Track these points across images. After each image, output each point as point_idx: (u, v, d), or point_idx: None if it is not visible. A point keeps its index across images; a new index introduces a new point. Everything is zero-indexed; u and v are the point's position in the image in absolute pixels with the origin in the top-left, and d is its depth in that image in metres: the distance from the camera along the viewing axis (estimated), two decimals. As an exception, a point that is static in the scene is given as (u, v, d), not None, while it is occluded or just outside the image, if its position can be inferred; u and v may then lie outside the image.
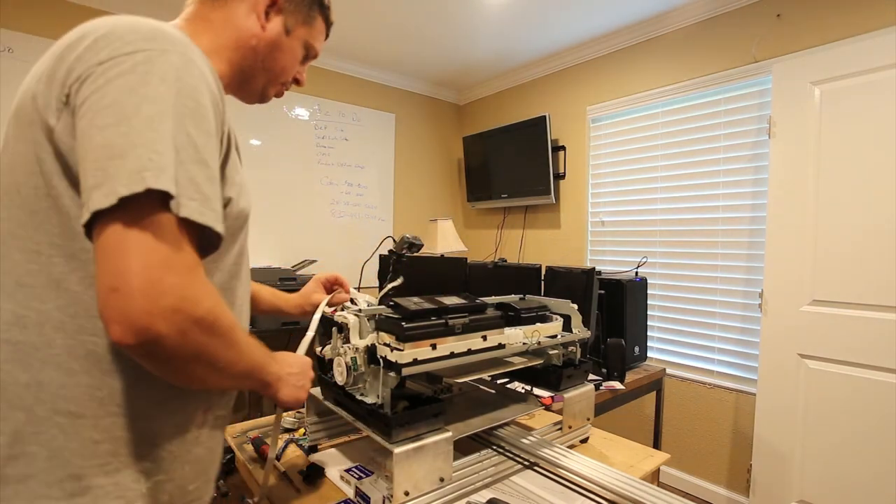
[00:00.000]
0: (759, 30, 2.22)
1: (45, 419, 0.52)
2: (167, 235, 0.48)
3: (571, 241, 3.11)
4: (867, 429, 1.80)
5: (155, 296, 0.46)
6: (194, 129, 0.52)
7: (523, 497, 0.88)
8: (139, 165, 0.46)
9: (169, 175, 0.48)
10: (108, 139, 0.47)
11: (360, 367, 0.86)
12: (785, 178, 2.03)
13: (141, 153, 0.47)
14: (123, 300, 0.45)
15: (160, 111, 0.49)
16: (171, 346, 0.47)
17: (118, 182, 0.46)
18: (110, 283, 0.45)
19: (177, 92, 0.51)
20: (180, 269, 0.48)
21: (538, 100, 3.33)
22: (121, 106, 0.48)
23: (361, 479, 0.90)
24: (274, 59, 0.75)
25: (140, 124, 0.48)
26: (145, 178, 0.46)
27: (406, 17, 2.64)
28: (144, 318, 0.45)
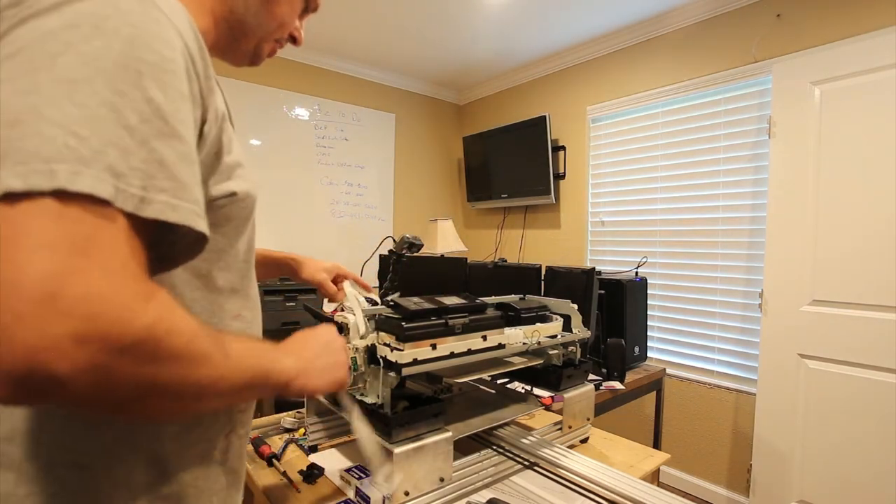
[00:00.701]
0: (759, 30, 2.22)
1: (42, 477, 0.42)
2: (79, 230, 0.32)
3: (571, 241, 3.11)
4: (867, 429, 1.80)
5: (47, 320, 0.29)
6: (160, 92, 0.38)
7: (523, 497, 0.88)
8: (46, 148, 0.32)
9: (97, 168, 0.33)
10: (6, 100, 0.33)
11: (360, 367, 0.86)
12: (785, 178, 2.03)
13: (48, 129, 0.32)
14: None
15: (87, 74, 0.34)
16: (83, 390, 0.31)
17: (5, 163, 0.31)
18: None
19: (126, 40, 0.37)
20: (94, 278, 0.32)
21: (538, 100, 3.33)
22: (29, 55, 0.34)
23: (361, 479, 0.90)
24: (269, 11, 0.62)
25: (51, 85, 0.33)
26: (55, 171, 0.32)
27: (406, 17, 2.64)
28: (25, 358, 0.29)
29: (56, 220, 0.32)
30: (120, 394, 0.34)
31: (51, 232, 0.31)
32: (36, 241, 0.31)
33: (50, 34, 0.35)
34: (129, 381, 0.34)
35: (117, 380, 0.33)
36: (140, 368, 0.34)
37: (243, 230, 0.56)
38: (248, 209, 0.55)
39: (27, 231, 0.31)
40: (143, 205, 0.35)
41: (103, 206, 0.34)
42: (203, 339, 0.39)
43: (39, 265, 0.30)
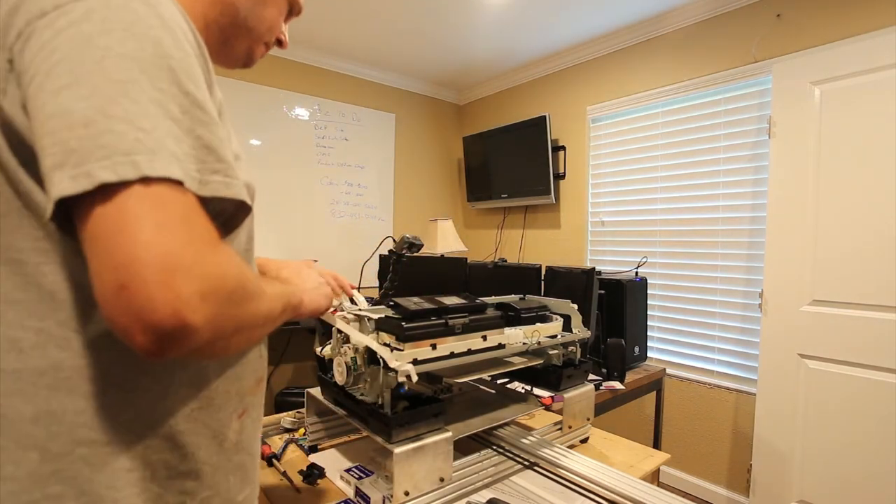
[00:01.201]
0: (759, 30, 2.22)
1: (65, 454, 0.44)
2: (176, 209, 0.39)
3: (571, 241, 3.11)
4: (867, 429, 1.80)
5: (177, 284, 0.36)
6: (191, 86, 0.43)
7: (523, 497, 0.88)
8: (121, 143, 0.37)
9: (166, 155, 0.39)
10: (64, 105, 0.37)
11: (360, 367, 0.86)
12: (785, 178, 2.03)
13: (117, 126, 0.37)
14: (138, 298, 0.36)
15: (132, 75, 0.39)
16: (208, 336, 0.39)
17: (90, 158, 0.36)
18: (116, 281, 0.36)
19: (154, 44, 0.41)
20: (198, 245, 0.39)
21: (538, 100, 3.33)
22: (75, 62, 0.38)
23: (361, 479, 0.90)
24: (257, 15, 0.65)
25: (110, 85, 0.38)
26: (137, 162, 0.37)
27: (406, 16, 2.64)
28: (170, 316, 0.36)
29: (156, 203, 0.38)
30: (224, 333, 0.42)
31: (158, 213, 0.37)
32: (150, 222, 0.37)
33: (88, 41, 0.39)
34: (232, 321, 0.42)
35: (226, 322, 0.41)
36: (237, 309, 0.42)
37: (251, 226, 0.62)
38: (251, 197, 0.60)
39: (138, 215, 0.37)
40: (202, 185, 0.41)
41: (178, 187, 0.39)
42: (258, 280, 0.48)
43: (163, 241, 0.37)
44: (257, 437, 0.63)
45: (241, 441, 0.57)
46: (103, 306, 0.37)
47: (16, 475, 0.43)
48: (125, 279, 0.36)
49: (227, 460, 0.55)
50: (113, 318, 0.37)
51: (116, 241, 0.36)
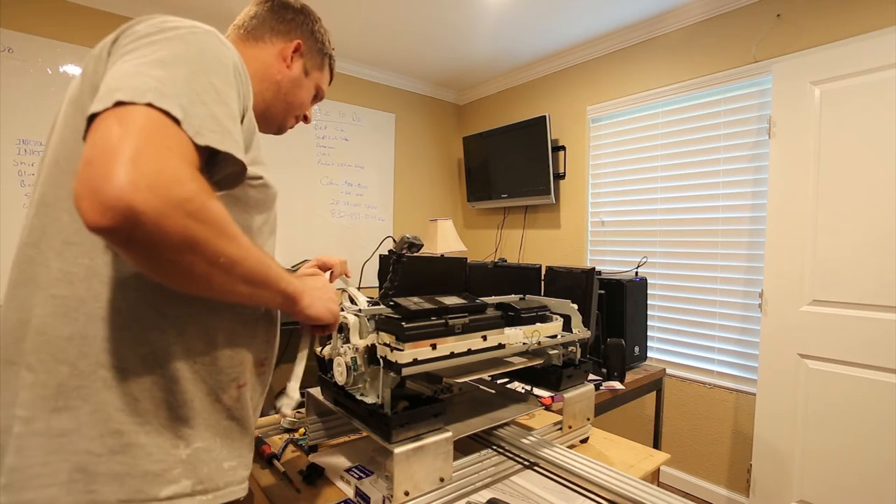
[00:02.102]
0: (759, 30, 2.22)
1: (89, 373, 0.53)
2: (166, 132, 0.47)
3: (571, 241, 3.11)
4: (867, 429, 1.80)
5: (133, 170, 0.42)
6: (216, 79, 0.54)
7: (523, 497, 0.88)
8: (143, 84, 0.47)
9: (172, 101, 0.48)
10: (119, 68, 0.50)
11: (360, 367, 0.86)
12: (785, 177, 2.03)
13: (145, 80, 0.48)
14: (96, 173, 0.42)
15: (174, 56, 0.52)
16: (151, 228, 0.43)
17: (118, 91, 0.46)
18: (87, 156, 0.43)
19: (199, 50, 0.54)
20: (166, 154, 0.46)
21: (538, 100, 3.33)
22: (138, 51, 0.52)
23: (361, 479, 0.90)
24: (294, 94, 0.87)
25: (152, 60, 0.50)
26: (146, 95, 0.47)
27: (406, 17, 2.64)
28: (116, 192, 0.41)
29: (146, 118, 0.46)
30: (172, 237, 0.45)
31: (142, 123, 0.45)
32: (134, 125, 0.45)
33: (152, 42, 0.53)
34: (178, 228, 0.45)
35: (171, 224, 0.44)
36: (186, 221, 0.45)
37: (268, 217, 0.72)
38: (272, 198, 0.71)
39: (128, 120, 0.45)
40: (197, 135, 0.49)
41: (175, 124, 0.48)
42: (234, 225, 0.52)
43: (135, 138, 0.44)
44: (250, 417, 0.68)
45: (233, 408, 0.63)
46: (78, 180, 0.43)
47: (48, 383, 0.52)
48: (94, 156, 0.43)
49: (216, 421, 0.61)
50: (74, 189, 0.43)
51: (103, 131, 0.45)
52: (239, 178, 0.57)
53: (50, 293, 0.54)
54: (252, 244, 0.55)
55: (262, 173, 0.67)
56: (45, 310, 0.54)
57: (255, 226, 0.69)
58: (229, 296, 0.56)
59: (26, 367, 0.53)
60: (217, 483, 0.60)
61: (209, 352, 0.60)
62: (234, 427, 0.63)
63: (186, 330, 0.58)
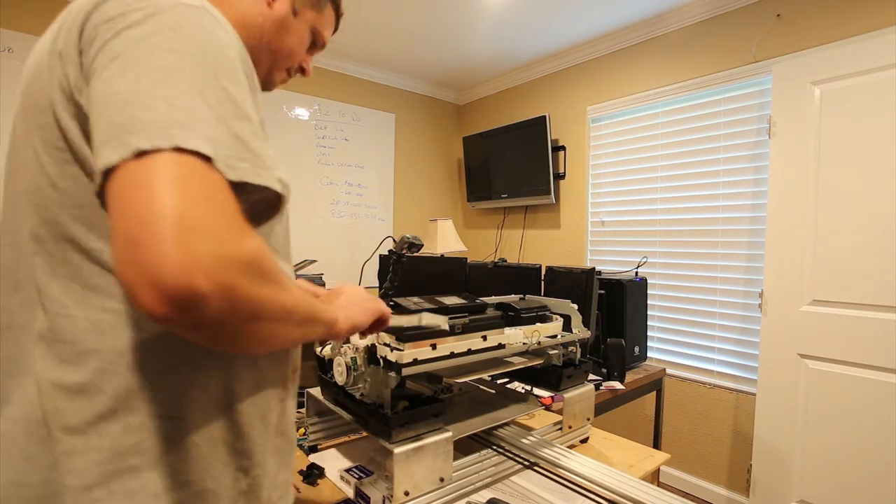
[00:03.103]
0: (759, 30, 2.22)
1: (142, 427, 0.47)
2: (202, 179, 0.39)
3: (571, 241, 3.11)
4: (867, 429, 1.80)
5: (191, 246, 0.36)
6: (228, 83, 0.45)
7: (523, 497, 0.88)
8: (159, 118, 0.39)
9: (199, 134, 0.40)
10: (115, 88, 0.41)
11: (360, 367, 0.86)
12: (785, 178, 2.03)
13: (157, 104, 0.40)
14: (148, 253, 0.35)
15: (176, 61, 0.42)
16: (218, 307, 0.38)
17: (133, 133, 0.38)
18: (128, 234, 0.36)
19: (198, 44, 0.45)
20: (219, 213, 0.39)
21: (538, 100, 3.33)
22: (128, 56, 0.42)
23: (361, 479, 0.90)
24: (280, 40, 0.72)
25: (151, 72, 0.41)
26: (171, 134, 0.39)
27: (406, 17, 2.64)
28: (180, 275, 0.35)
29: (183, 169, 0.39)
30: (240, 313, 0.40)
31: (183, 177, 0.38)
32: (174, 183, 0.37)
33: (140, 40, 0.43)
34: (246, 298, 0.40)
35: (239, 297, 0.39)
36: (253, 286, 0.41)
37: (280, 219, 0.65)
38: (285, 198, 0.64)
39: (160, 177, 0.37)
40: (228, 168, 0.42)
41: (207, 163, 0.40)
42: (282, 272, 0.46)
43: (184, 202, 0.37)
44: (293, 424, 0.65)
45: (279, 425, 0.60)
46: (115, 261, 0.37)
47: (101, 446, 0.46)
48: (138, 233, 0.36)
49: (269, 442, 0.58)
50: (122, 273, 0.36)
51: (136, 196, 0.37)
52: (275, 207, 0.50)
53: (81, 348, 0.47)
54: (295, 283, 0.52)
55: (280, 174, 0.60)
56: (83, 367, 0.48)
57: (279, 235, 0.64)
58: (284, 344, 0.54)
59: (67, 431, 0.46)
60: (273, 500, 0.58)
61: (256, 376, 0.56)
62: (282, 442, 0.61)
63: (234, 360, 0.53)
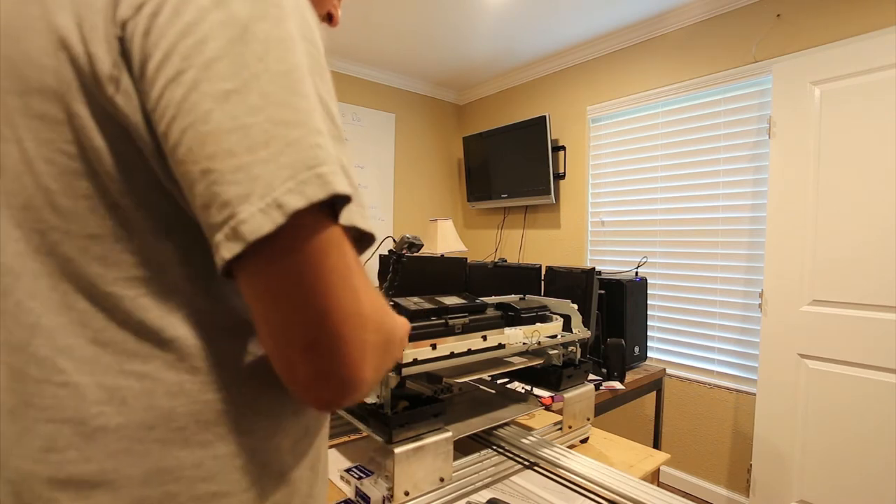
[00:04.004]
0: (759, 30, 2.22)
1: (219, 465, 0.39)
2: (347, 255, 0.34)
3: (571, 241, 3.11)
4: (867, 429, 1.80)
5: (361, 339, 0.34)
6: (324, 87, 0.35)
7: (523, 497, 0.88)
8: (306, 158, 0.31)
9: (340, 168, 0.33)
10: (236, 118, 0.30)
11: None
12: (785, 178, 2.03)
13: (298, 136, 0.31)
14: (329, 357, 0.33)
15: (295, 62, 0.33)
16: (368, 389, 0.38)
17: (276, 186, 0.30)
18: (306, 338, 0.32)
19: (300, 26, 0.34)
20: (370, 296, 0.36)
21: (538, 100, 3.33)
22: (237, 61, 0.31)
23: (361, 479, 0.90)
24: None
25: (277, 88, 0.31)
26: (323, 175, 0.31)
27: (406, 17, 2.64)
28: (358, 372, 0.34)
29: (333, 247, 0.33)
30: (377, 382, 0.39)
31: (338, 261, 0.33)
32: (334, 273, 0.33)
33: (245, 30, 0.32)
34: (383, 372, 0.39)
35: (381, 373, 0.39)
36: (389, 360, 0.41)
37: None
38: None
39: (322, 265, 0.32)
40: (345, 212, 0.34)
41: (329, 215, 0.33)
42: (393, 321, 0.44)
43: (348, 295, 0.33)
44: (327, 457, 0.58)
45: (323, 467, 0.52)
46: (284, 361, 0.34)
47: None
48: (316, 336, 0.33)
49: (320, 489, 0.51)
50: (294, 377, 0.34)
51: (300, 297, 0.32)
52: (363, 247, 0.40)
53: (95, 425, 0.35)
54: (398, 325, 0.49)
55: None
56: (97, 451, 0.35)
57: None
58: None
59: None
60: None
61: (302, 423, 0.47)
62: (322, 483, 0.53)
63: (284, 412, 0.44)
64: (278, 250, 0.31)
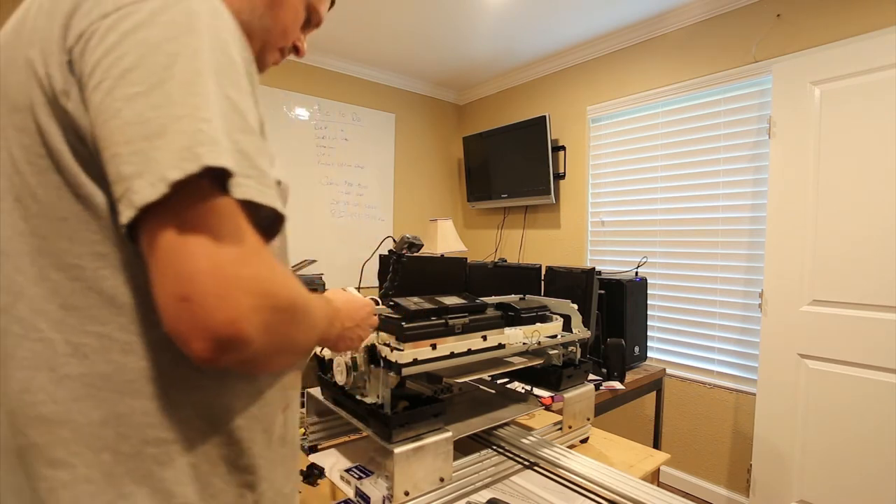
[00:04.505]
0: (759, 30, 2.22)
1: (135, 454, 0.46)
2: (230, 222, 0.41)
3: (571, 241, 3.11)
4: (867, 429, 1.80)
5: (234, 297, 0.39)
6: (233, 90, 0.43)
7: (523, 497, 0.88)
8: (188, 140, 0.38)
9: (224, 147, 0.40)
10: (140, 113, 0.39)
11: (360, 367, 0.86)
12: (785, 178, 2.03)
13: (186, 126, 0.39)
14: (199, 310, 0.38)
15: (197, 69, 0.40)
16: (258, 348, 0.41)
17: (164, 164, 0.37)
18: (177, 292, 0.38)
19: (209, 43, 0.42)
20: (252, 259, 0.41)
21: (538, 100, 3.33)
22: (147, 68, 0.39)
23: (361, 479, 0.90)
24: (274, 16, 0.66)
25: (178, 90, 0.39)
26: (200, 154, 0.38)
27: (406, 17, 2.64)
28: (228, 327, 0.38)
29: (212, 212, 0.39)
30: (272, 348, 0.43)
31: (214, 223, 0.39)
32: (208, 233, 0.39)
33: (156, 47, 0.40)
34: (279, 337, 0.44)
35: (274, 337, 0.43)
36: (285, 327, 0.44)
37: None
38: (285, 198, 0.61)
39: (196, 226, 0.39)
40: (237, 187, 0.41)
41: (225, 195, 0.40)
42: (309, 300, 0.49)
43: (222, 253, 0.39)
44: (297, 430, 0.64)
45: (284, 435, 0.59)
46: (164, 315, 0.39)
47: (91, 477, 0.44)
48: (187, 291, 0.38)
49: (274, 453, 0.57)
50: (173, 326, 0.39)
51: (178, 253, 0.38)
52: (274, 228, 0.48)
53: (63, 373, 0.44)
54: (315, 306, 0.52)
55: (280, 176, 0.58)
56: (63, 394, 0.44)
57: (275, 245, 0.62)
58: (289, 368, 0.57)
59: (51, 465, 0.44)
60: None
61: (254, 389, 0.54)
62: (287, 451, 0.60)
63: (230, 375, 0.51)
64: (162, 215, 0.38)
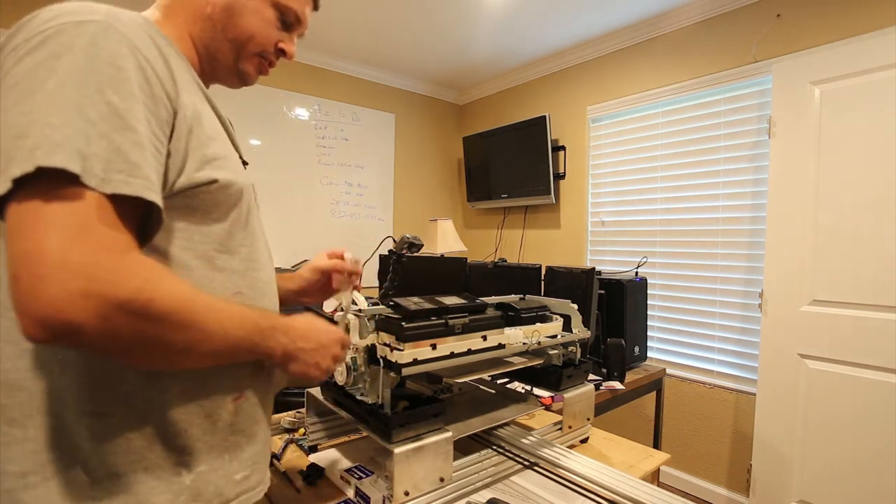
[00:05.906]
0: (759, 30, 2.22)
1: (75, 422, 0.51)
2: (79, 214, 0.44)
3: (571, 241, 3.11)
4: (867, 429, 1.80)
5: (58, 279, 0.41)
6: (115, 96, 0.48)
7: (523, 497, 0.88)
8: (34, 143, 0.43)
9: (67, 150, 0.43)
10: (11, 119, 0.44)
11: (360, 367, 0.86)
12: (785, 178, 2.03)
13: (37, 130, 0.43)
14: (25, 289, 0.41)
15: (61, 81, 0.45)
16: (96, 336, 0.43)
17: (16, 162, 0.42)
18: (11, 271, 0.42)
19: (89, 58, 0.47)
20: (92, 247, 0.43)
21: (538, 100, 3.33)
22: (26, 84, 0.45)
23: (361, 479, 0.90)
24: (235, 25, 0.66)
25: (42, 99, 0.45)
26: (37, 155, 0.42)
27: (406, 16, 2.64)
28: (49, 308, 0.40)
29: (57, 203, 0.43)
30: (123, 342, 0.46)
31: (56, 212, 0.43)
32: (46, 219, 0.42)
33: (39, 66, 0.46)
34: (127, 333, 0.45)
35: (118, 330, 0.44)
36: (132, 323, 0.45)
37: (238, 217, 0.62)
38: (235, 196, 0.61)
39: (37, 212, 0.42)
40: (104, 183, 0.45)
41: (83, 189, 0.44)
42: (190, 307, 0.49)
43: (54, 239, 0.42)
44: (261, 421, 0.65)
45: (236, 423, 0.61)
46: (9, 292, 0.42)
47: (37, 437, 0.51)
48: (16, 270, 0.42)
49: (222, 440, 0.59)
50: (13, 305, 0.42)
51: (15, 237, 0.42)
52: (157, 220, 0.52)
53: (22, 347, 0.51)
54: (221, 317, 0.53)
55: (218, 174, 0.58)
56: (23, 364, 0.51)
57: (218, 233, 0.60)
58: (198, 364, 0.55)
59: (8, 423, 0.51)
60: (228, 496, 0.60)
61: (194, 375, 0.57)
62: (240, 440, 0.62)
63: None
64: (14, 206, 0.43)
